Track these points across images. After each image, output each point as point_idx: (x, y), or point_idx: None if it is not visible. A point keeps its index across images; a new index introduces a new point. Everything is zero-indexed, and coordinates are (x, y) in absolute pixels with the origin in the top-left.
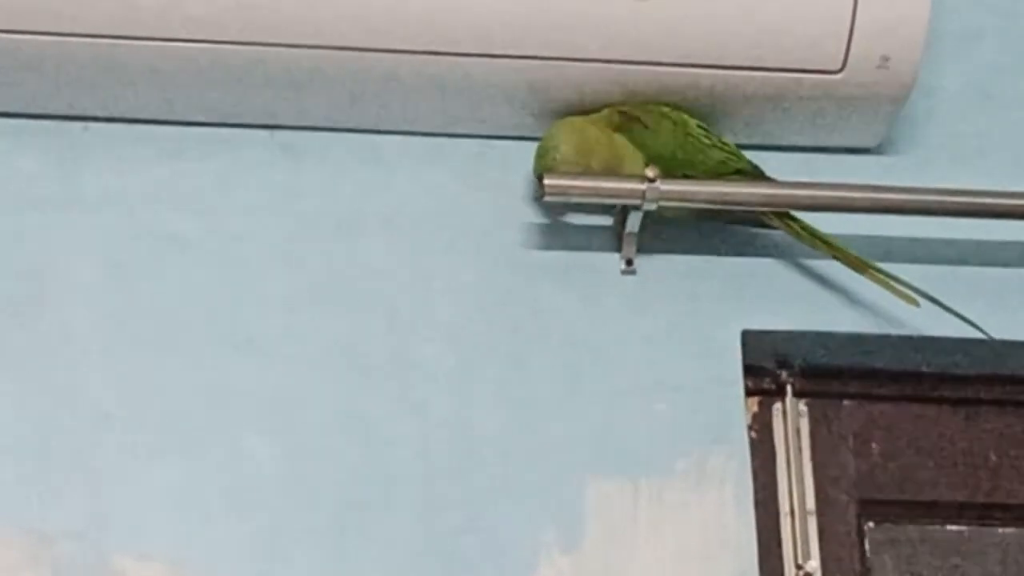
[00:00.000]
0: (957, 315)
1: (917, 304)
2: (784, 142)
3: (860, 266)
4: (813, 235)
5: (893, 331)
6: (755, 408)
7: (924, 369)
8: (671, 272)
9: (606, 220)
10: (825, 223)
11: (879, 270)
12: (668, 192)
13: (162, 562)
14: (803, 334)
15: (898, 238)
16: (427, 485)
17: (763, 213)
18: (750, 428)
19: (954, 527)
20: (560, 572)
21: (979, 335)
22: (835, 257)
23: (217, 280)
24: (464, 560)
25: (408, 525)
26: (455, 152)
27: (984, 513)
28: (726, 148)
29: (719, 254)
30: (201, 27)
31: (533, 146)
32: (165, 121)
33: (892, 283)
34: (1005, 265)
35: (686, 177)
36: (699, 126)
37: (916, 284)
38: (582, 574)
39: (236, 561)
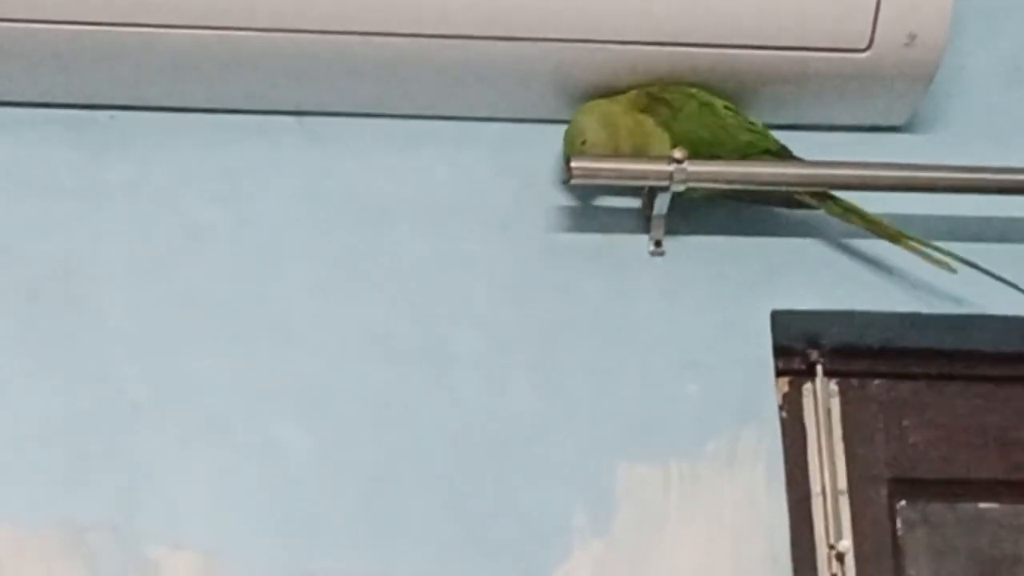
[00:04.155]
0: (993, 275)
1: (954, 271)
2: (811, 121)
3: (895, 236)
4: (846, 209)
5: (922, 310)
6: (785, 388)
7: (954, 347)
8: (700, 253)
9: (634, 202)
10: (853, 202)
11: (916, 239)
12: (696, 173)
13: (196, 551)
14: (833, 314)
15: (926, 216)
16: (459, 470)
17: (792, 193)
18: (781, 408)
19: (986, 505)
20: (593, 555)
21: (1008, 312)
22: (869, 229)
23: (246, 267)
24: (497, 545)
25: (441, 511)
26: (483, 136)
27: (1016, 491)
28: (753, 128)
29: (747, 235)
30: (227, 14)
31: (560, 129)
32: (192, 109)
33: (927, 251)
34: None
35: (714, 158)
36: (726, 106)
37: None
38: (615, 557)
39: (270, 549)
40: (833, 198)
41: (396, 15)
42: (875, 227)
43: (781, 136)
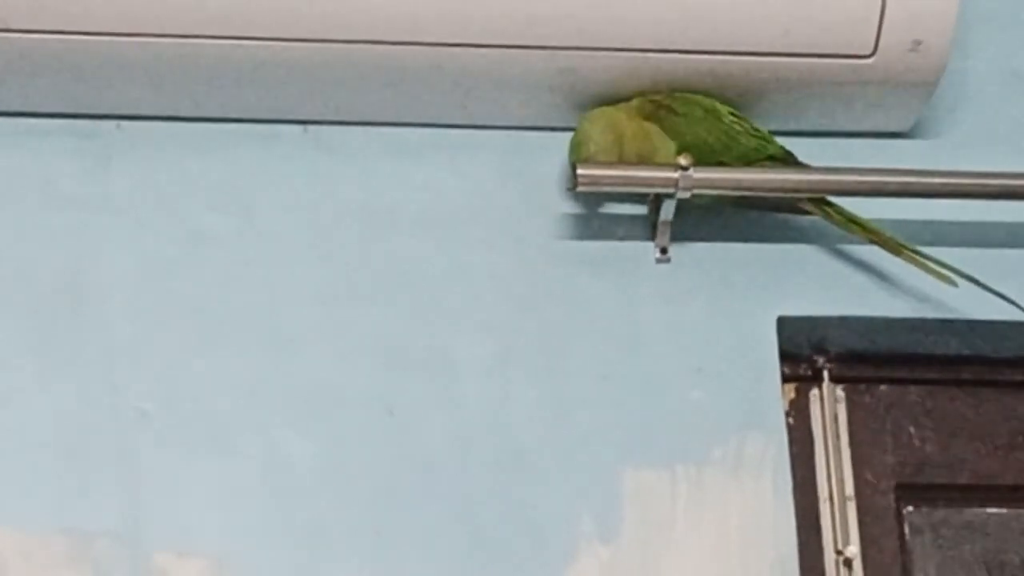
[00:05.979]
0: (994, 292)
1: (955, 284)
2: (816, 127)
3: (897, 248)
4: (848, 219)
5: (928, 315)
6: (792, 394)
7: (960, 352)
8: (705, 260)
9: (640, 209)
10: (858, 208)
11: (916, 251)
12: (701, 180)
13: (202, 558)
14: (839, 319)
15: (931, 222)
16: (465, 477)
17: (797, 199)
18: (787, 414)
19: (993, 510)
20: (599, 561)
21: (1014, 318)
22: (871, 240)
23: (253, 276)
24: (503, 551)
25: (447, 517)
26: (488, 144)
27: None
28: (758, 134)
29: (753, 241)
30: (233, 24)
31: (566, 136)
32: (198, 118)
33: (929, 264)
34: None
35: (719, 164)
36: (731, 113)
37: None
38: (621, 563)
39: (276, 556)
40: (834, 207)
41: (402, 24)
42: (876, 238)
43: (786, 142)
